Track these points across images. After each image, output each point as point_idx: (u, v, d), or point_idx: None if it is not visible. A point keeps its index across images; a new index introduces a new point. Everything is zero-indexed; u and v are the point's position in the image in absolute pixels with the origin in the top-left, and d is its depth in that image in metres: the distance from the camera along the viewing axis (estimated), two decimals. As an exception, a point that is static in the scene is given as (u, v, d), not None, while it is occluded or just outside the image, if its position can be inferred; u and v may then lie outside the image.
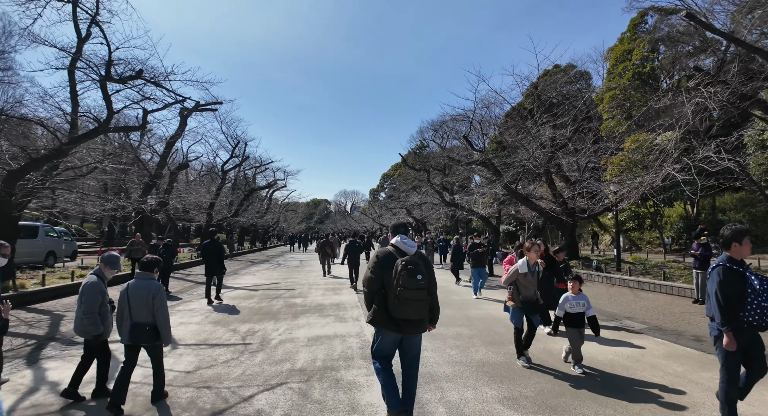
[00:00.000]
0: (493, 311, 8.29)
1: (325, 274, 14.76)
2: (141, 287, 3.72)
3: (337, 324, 6.99)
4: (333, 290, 11.10)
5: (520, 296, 4.82)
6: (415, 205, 37.24)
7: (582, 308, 4.79)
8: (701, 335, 6.41)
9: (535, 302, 4.85)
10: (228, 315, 7.88)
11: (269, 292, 10.88)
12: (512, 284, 4.88)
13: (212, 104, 18.36)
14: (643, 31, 31.63)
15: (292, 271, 16.93)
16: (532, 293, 4.82)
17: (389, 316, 3.16)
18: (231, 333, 6.50)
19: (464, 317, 7.64)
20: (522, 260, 4.84)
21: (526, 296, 4.81)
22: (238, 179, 31.77)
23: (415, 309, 3.11)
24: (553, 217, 17.50)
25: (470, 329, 6.71)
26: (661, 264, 15.97)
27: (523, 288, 4.81)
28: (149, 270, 3.88)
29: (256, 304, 9.04)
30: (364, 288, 3.34)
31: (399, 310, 3.09)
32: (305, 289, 11.33)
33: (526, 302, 4.80)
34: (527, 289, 4.81)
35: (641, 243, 27.36)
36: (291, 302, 9.19)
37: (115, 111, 10.09)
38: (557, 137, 16.92)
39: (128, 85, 9.84)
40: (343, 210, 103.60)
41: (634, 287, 11.71)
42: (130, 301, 3.68)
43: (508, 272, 4.92)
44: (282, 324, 7.04)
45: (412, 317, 3.13)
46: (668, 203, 23.96)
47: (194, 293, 10.87)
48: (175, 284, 12.79)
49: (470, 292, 10.77)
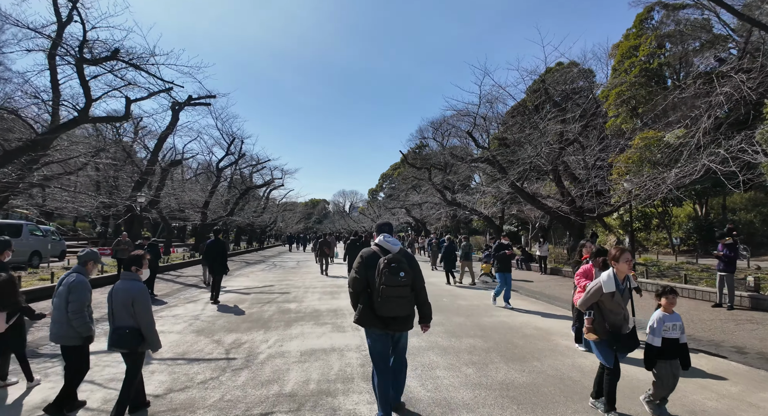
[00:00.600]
0: (506, 318, 7.54)
1: (323, 273, 14.84)
2: (122, 289, 3.46)
3: (334, 335, 6.23)
4: (330, 294, 10.34)
5: (606, 325, 3.40)
6: (414, 205, 36.51)
7: (678, 333, 3.50)
8: (741, 345, 5.68)
9: (628, 334, 3.43)
10: (214, 323, 7.12)
11: (262, 296, 10.11)
12: (591, 307, 3.50)
13: (205, 97, 17.63)
14: (649, 27, 30.98)
15: (288, 273, 16.16)
16: (621, 319, 3.42)
17: (375, 314, 3.19)
18: (214, 345, 5.74)
19: (476, 326, 6.89)
20: (606, 274, 3.41)
21: (615, 323, 3.41)
22: (234, 177, 30.92)
23: (399, 306, 3.15)
24: (560, 216, 16.78)
25: (485, 341, 5.96)
26: (675, 266, 15.27)
27: (610, 314, 3.42)
28: (129, 269, 3.62)
29: (246, 309, 8.27)
30: (350, 288, 3.39)
31: (383, 308, 3.12)
32: (300, 293, 10.57)
33: (615, 335, 3.38)
34: (615, 314, 3.41)
35: (648, 244, 26.67)
36: (284, 308, 8.43)
37: (93, 98, 9.30)
38: (565, 132, 16.22)
39: (104, 67, 9.03)
40: (341, 210, 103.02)
41: (650, 291, 11.00)
42: (113, 304, 3.45)
43: (587, 292, 3.53)
44: (272, 334, 6.28)
45: (397, 314, 3.16)
46: (678, 202, 23.27)
47: (181, 297, 10.10)
48: (162, 286, 12.02)
49: (477, 296, 10.04)
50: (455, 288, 11.49)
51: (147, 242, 10.70)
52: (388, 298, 3.10)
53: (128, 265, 3.63)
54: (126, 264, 3.68)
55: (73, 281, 3.55)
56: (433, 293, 10.51)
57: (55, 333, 3.51)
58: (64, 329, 3.47)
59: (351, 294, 3.41)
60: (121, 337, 3.34)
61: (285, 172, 36.00)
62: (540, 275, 15.15)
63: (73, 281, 3.56)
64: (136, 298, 3.37)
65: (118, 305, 3.39)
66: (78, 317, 3.44)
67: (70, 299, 3.47)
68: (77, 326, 3.43)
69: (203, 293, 10.69)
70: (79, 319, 3.44)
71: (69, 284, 3.54)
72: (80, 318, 3.44)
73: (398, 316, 3.18)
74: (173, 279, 13.80)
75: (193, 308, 8.52)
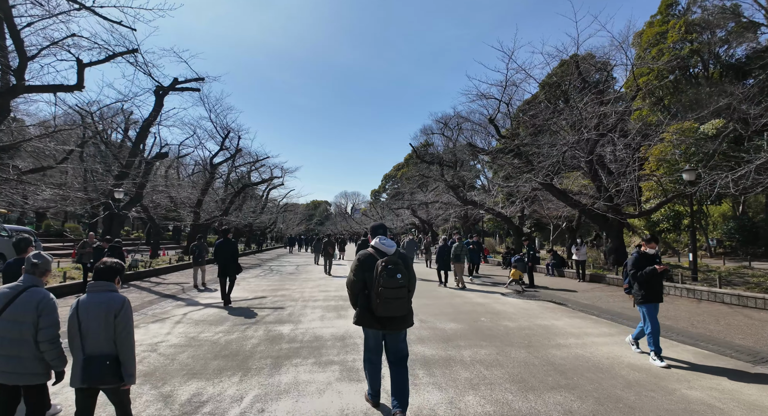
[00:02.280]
0: (580, 349, 5.40)
1: (326, 272, 15.50)
2: (97, 303, 2.64)
3: (344, 388, 4.09)
4: (335, 309, 8.24)
5: None
6: (421, 204, 34.41)
7: None
8: None
9: None
10: (174, 358, 5.03)
11: (248, 314, 8.02)
12: None
13: (193, 80, 15.63)
14: (674, 13, 28.95)
15: (286, 279, 14.06)
16: None
17: (373, 315, 3.25)
18: (160, 405, 3.66)
19: (549, 365, 4.76)
20: None
21: None
22: (230, 174, 28.80)
23: (397, 307, 3.20)
24: (596, 215, 14.69)
25: (577, 396, 3.84)
26: (734, 271, 13.17)
27: None
28: (108, 279, 2.78)
29: (223, 335, 6.18)
30: (348, 290, 3.46)
31: (381, 309, 3.18)
32: (298, 308, 8.47)
33: None
34: None
35: (678, 246, 24.55)
36: (275, 332, 6.33)
37: (29, 56, 7.22)
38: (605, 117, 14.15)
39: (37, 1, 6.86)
40: (343, 212, 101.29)
41: (733, 304, 8.89)
42: (82, 325, 2.61)
43: None
44: (251, 385, 4.17)
45: (394, 314, 3.22)
46: (718, 199, 21.14)
47: (149, 313, 8.03)
48: (133, 297, 9.96)
49: (520, 310, 7.87)
50: (490, 302, 9.40)
51: (108, 244, 8.66)
52: (387, 300, 3.14)
53: (107, 275, 2.79)
54: (103, 274, 2.78)
55: (42, 301, 2.72)
56: (464, 309, 8.27)
57: (10, 372, 2.65)
58: (27, 364, 2.69)
59: (350, 296, 3.49)
60: (100, 370, 2.58)
61: (285, 170, 33.99)
62: (578, 282, 13.03)
63: (42, 300, 2.72)
64: (118, 312, 2.65)
65: (93, 326, 2.63)
66: (54, 347, 2.73)
67: (43, 324, 2.69)
68: (52, 358, 2.72)
69: (177, 307, 8.62)
70: (56, 349, 2.74)
71: (38, 306, 2.70)
72: (57, 348, 2.74)
73: (395, 316, 3.24)
74: (151, 288, 11.74)
75: (156, 331, 6.45)
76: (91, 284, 2.76)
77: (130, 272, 13.78)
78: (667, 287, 10.58)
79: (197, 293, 10.75)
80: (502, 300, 9.47)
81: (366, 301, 3.27)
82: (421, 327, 6.60)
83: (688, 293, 10.06)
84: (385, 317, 3.20)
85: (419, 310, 7.99)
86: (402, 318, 3.28)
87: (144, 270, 14.61)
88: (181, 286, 12.10)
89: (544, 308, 8.49)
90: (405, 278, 3.20)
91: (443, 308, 8.28)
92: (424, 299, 9.44)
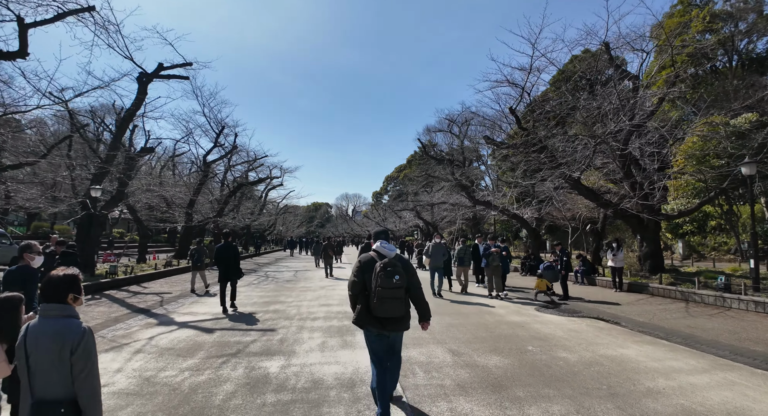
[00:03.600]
0: (681, 398, 3.80)
1: (328, 276, 15.48)
2: (48, 335, 1.99)
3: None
4: (340, 333, 6.61)
5: None
6: (426, 205, 32.83)
7: None
8: None
9: None
10: (119, 411, 3.45)
11: (229, 339, 6.42)
12: None
13: (180, 65, 14.10)
14: (695, 5, 27.47)
15: (282, 289, 12.45)
16: None
17: (371, 315, 3.31)
18: None
19: None
20: None
21: None
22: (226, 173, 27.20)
23: (393, 307, 3.25)
24: (629, 215, 13.13)
25: None
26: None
27: None
28: (59, 300, 2.07)
29: (189, 376, 4.58)
30: (349, 291, 3.52)
31: (378, 308, 3.24)
32: (293, 330, 6.85)
33: None
34: None
35: (704, 250, 22.92)
36: (258, 373, 4.72)
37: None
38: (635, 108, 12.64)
39: None
40: (344, 214, 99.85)
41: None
42: (30, 359, 1.99)
43: None
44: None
45: (392, 314, 3.27)
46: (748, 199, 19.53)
47: (108, 336, 6.45)
48: (101, 311, 8.41)
49: (571, 334, 6.26)
50: (528, 321, 7.80)
51: (61, 248, 7.09)
52: (383, 299, 3.21)
53: (60, 293, 2.04)
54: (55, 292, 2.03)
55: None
56: (502, 332, 6.42)
57: None
58: None
59: (350, 297, 3.54)
60: None
61: (285, 170, 32.50)
62: (614, 292, 11.43)
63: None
64: (76, 347, 1.96)
65: (44, 362, 1.97)
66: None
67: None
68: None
69: (145, 327, 7.03)
70: None
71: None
72: None
73: (393, 317, 3.29)
74: (125, 299, 10.16)
75: (106, 366, 4.87)
76: (43, 308, 2.08)
77: (107, 280, 12.23)
78: (730, 299, 8.99)
79: (177, 307, 9.17)
80: (541, 318, 7.85)
81: (365, 301, 3.36)
82: (456, 363, 4.97)
83: (756, 307, 8.47)
84: (383, 317, 3.28)
85: (445, 334, 6.39)
86: (399, 319, 3.34)
87: (123, 277, 13.04)
88: (161, 297, 10.51)
89: (597, 330, 6.88)
90: (403, 280, 3.26)
91: (475, 331, 6.66)
92: (447, 316, 7.83)
